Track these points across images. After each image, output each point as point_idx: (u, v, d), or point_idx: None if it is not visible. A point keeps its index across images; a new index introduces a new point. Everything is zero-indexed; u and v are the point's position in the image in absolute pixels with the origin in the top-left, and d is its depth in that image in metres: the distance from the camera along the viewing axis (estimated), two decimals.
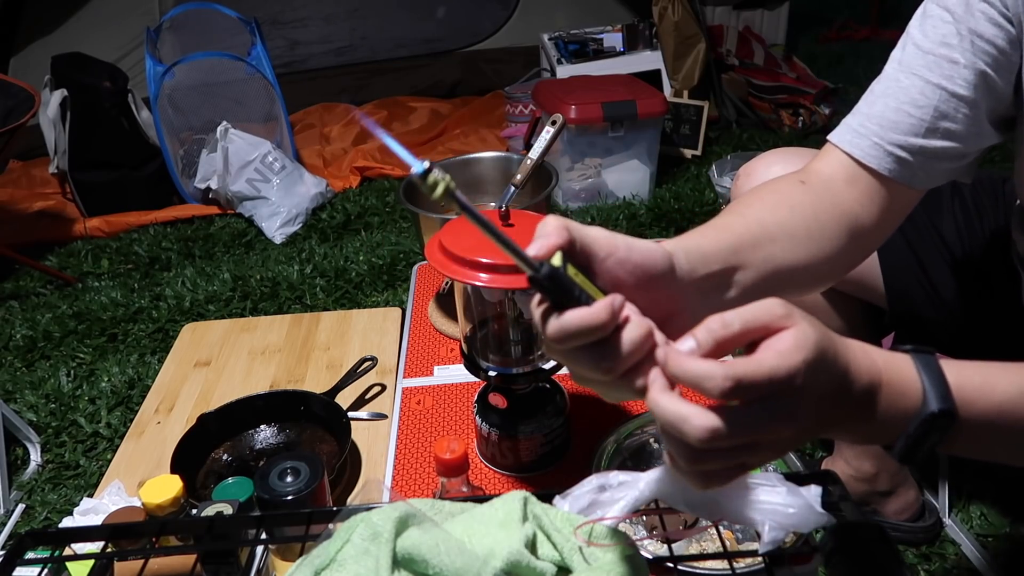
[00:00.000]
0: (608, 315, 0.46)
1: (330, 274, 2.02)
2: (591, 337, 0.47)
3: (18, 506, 1.33)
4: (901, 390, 0.51)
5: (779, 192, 0.69)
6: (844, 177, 0.70)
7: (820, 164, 0.72)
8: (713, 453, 0.46)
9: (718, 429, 0.44)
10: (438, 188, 0.42)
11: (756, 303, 0.46)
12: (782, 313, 0.46)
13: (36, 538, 0.62)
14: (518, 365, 1.02)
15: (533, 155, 1.14)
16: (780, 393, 0.44)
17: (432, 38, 3.29)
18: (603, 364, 0.48)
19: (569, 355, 0.49)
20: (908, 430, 0.51)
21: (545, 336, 0.48)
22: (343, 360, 1.47)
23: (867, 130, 0.70)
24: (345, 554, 0.50)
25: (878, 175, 0.69)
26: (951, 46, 0.67)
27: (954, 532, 1.21)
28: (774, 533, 0.52)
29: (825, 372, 0.46)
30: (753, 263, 0.62)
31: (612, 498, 0.55)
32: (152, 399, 1.43)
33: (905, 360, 0.52)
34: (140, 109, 2.48)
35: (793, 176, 0.72)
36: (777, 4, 3.45)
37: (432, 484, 1.11)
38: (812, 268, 0.67)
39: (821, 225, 0.67)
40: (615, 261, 0.51)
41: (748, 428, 0.45)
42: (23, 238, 2.34)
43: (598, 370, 0.48)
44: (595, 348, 0.47)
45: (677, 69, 2.68)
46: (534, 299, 0.50)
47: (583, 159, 2.29)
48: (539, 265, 0.48)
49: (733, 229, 0.63)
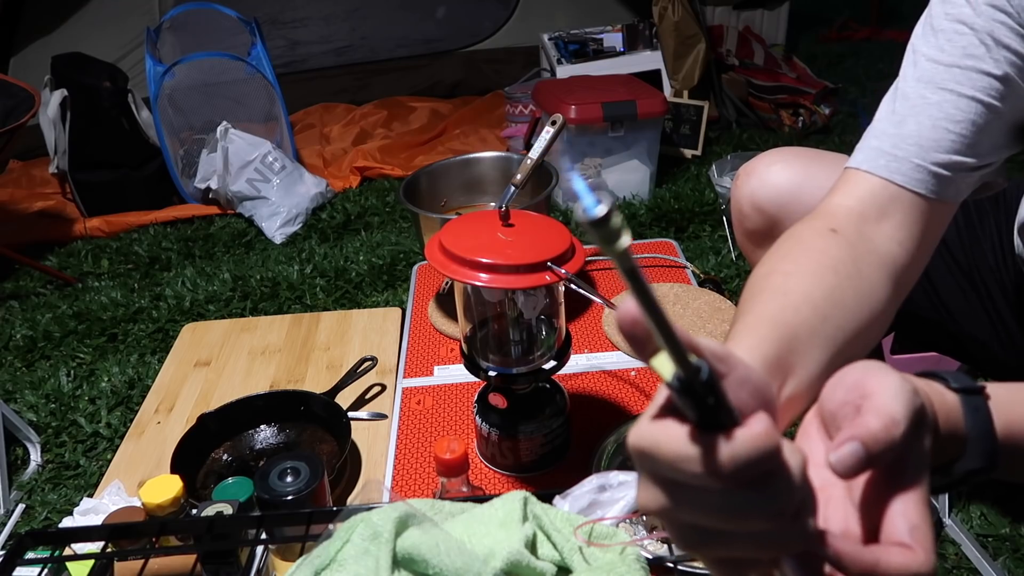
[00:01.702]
0: (775, 431, 0.36)
1: (330, 274, 2.02)
2: (765, 465, 0.35)
3: (18, 506, 1.33)
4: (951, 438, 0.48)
5: (815, 251, 0.62)
6: (876, 210, 0.65)
7: (846, 200, 0.66)
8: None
9: None
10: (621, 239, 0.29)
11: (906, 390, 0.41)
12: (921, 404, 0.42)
13: (36, 538, 0.62)
14: (518, 365, 1.02)
15: (533, 155, 1.14)
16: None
17: (432, 38, 3.29)
18: (776, 504, 0.36)
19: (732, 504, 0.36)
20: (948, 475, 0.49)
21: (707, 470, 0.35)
22: (343, 360, 1.47)
23: (905, 152, 0.65)
24: (345, 554, 0.50)
25: (922, 197, 0.65)
26: (977, 57, 0.65)
27: (954, 532, 1.21)
28: None
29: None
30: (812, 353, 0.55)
31: (612, 498, 0.55)
32: (152, 399, 1.43)
33: (955, 404, 0.48)
34: (140, 109, 2.48)
35: (820, 225, 0.65)
36: (777, 4, 3.45)
37: (432, 484, 1.10)
38: (865, 332, 0.61)
39: (866, 281, 0.62)
40: (736, 380, 0.41)
41: None
42: (23, 238, 2.34)
43: (767, 515, 0.36)
44: (762, 487, 0.36)
45: (677, 69, 2.68)
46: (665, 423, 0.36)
47: (583, 159, 2.29)
48: (697, 364, 0.34)
49: (786, 321, 0.55)
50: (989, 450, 0.48)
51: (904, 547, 0.39)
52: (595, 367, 1.30)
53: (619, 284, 1.54)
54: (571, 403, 1.11)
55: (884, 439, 0.38)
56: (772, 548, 0.38)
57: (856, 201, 0.66)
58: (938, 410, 0.46)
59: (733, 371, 0.41)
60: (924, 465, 0.41)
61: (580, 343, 1.36)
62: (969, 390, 0.49)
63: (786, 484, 0.36)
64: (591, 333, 1.39)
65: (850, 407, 0.41)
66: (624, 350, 1.32)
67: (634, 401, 1.21)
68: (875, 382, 0.41)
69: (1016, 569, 1.14)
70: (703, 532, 0.38)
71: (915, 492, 0.40)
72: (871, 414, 0.39)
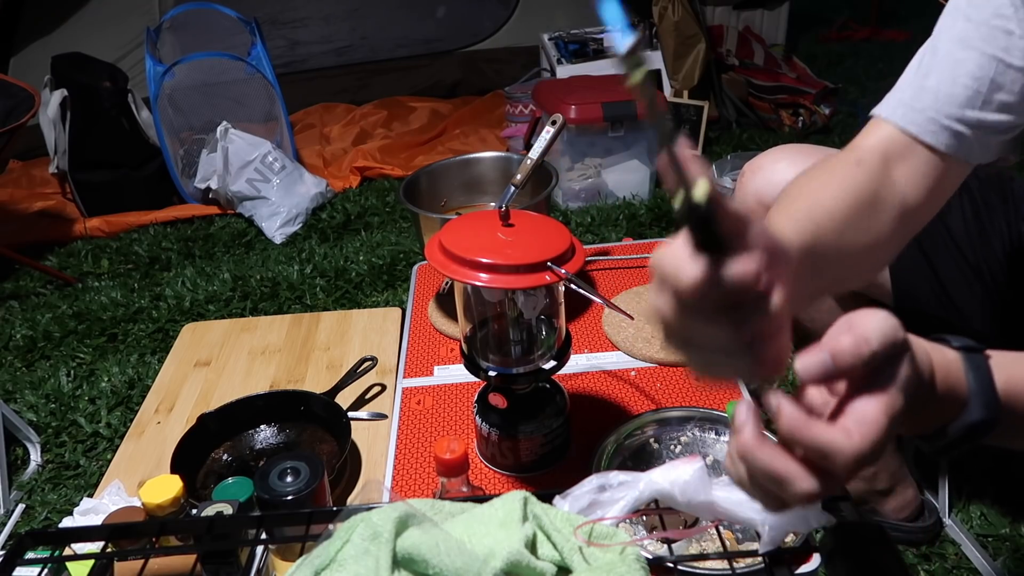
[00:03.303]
0: (761, 266, 0.42)
1: (330, 274, 2.02)
2: (746, 284, 0.42)
3: (18, 506, 1.33)
4: (949, 391, 0.50)
5: (839, 175, 0.69)
6: (895, 154, 0.70)
7: (869, 141, 0.71)
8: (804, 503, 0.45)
9: (815, 494, 0.44)
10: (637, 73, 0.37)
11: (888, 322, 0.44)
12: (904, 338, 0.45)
13: (36, 538, 0.62)
14: (518, 365, 1.02)
15: (533, 155, 1.13)
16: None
17: (432, 38, 3.29)
18: (736, 328, 0.43)
19: (705, 315, 0.43)
20: (950, 434, 0.50)
21: (690, 281, 0.42)
22: (343, 360, 1.47)
23: (923, 104, 0.69)
24: (345, 554, 0.50)
25: (934, 151, 0.69)
26: (1006, 17, 0.66)
27: (954, 532, 1.21)
28: (774, 533, 0.52)
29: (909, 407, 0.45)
30: (828, 255, 0.63)
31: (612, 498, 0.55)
32: (152, 399, 1.43)
33: (955, 360, 0.51)
34: (140, 109, 2.48)
35: (847, 156, 0.71)
36: (777, 4, 3.45)
37: (432, 484, 1.10)
38: (870, 255, 0.69)
39: (877, 210, 0.68)
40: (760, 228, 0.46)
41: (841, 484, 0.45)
42: (23, 238, 2.34)
43: (736, 334, 0.43)
44: (739, 308, 0.43)
45: (677, 69, 2.68)
46: (677, 242, 0.43)
47: (583, 159, 2.29)
48: (699, 200, 0.40)
49: (813, 219, 0.63)
50: (990, 402, 0.50)
51: (844, 431, 0.43)
52: (595, 367, 1.30)
53: (619, 284, 1.54)
54: (571, 403, 1.11)
55: (850, 354, 0.42)
56: (729, 364, 0.45)
57: (878, 142, 0.71)
58: (937, 365, 0.49)
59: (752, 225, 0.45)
60: (895, 383, 0.44)
61: (580, 343, 1.36)
62: (970, 348, 0.52)
63: (749, 316, 0.43)
64: (591, 333, 1.39)
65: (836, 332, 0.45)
66: (624, 349, 1.32)
67: (634, 401, 1.21)
68: (863, 314, 0.45)
69: (1016, 569, 1.14)
70: (683, 338, 0.46)
71: (878, 396, 0.43)
72: (846, 334, 0.43)
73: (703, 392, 1.21)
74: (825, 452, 0.42)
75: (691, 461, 0.56)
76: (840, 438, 0.42)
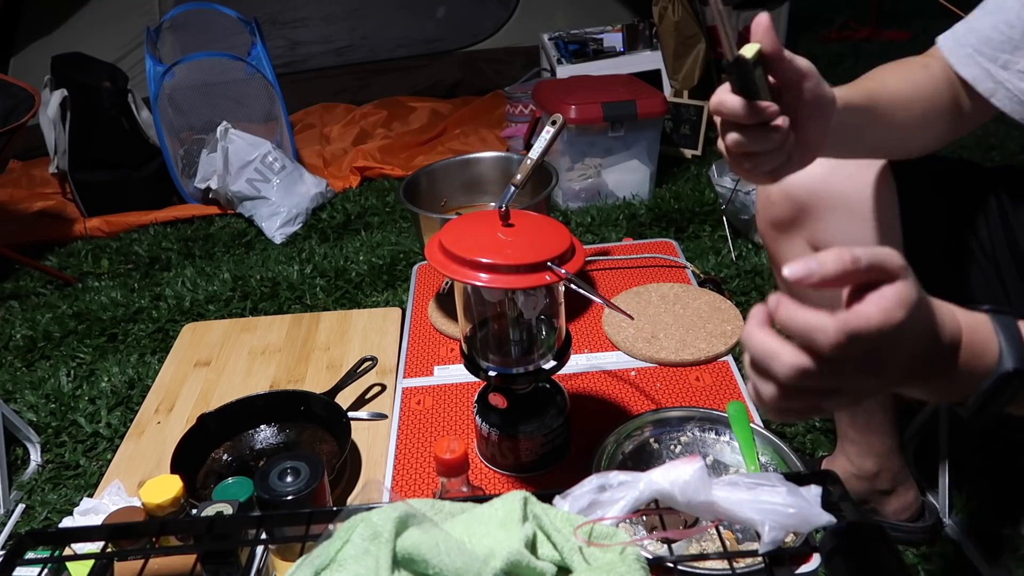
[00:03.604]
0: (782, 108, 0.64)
1: (330, 274, 2.02)
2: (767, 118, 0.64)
3: (18, 506, 1.33)
4: (979, 350, 0.52)
5: (907, 71, 0.84)
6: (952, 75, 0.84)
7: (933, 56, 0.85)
8: (797, 392, 0.49)
9: (807, 370, 0.47)
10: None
11: (882, 248, 0.48)
12: (900, 264, 0.48)
13: (36, 538, 0.62)
14: (518, 365, 1.02)
15: (533, 155, 1.13)
16: (878, 348, 0.47)
17: (432, 38, 3.29)
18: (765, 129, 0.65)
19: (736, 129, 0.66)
20: (982, 387, 0.52)
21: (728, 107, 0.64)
22: (343, 360, 1.47)
23: (967, 41, 0.81)
24: (345, 554, 0.50)
25: (966, 84, 0.81)
26: None
27: (954, 532, 1.21)
28: (774, 533, 0.52)
29: (919, 330, 0.48)
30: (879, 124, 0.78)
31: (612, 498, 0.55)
32: (152, 399, 1.43)
33: (984, 320, 0.53)
34: (140, 109, 2.48)
35: (918, 59, 0.85)
36: (777, 4, 3.45)
37: (432, 484, 1.10)
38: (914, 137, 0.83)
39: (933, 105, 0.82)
40: (811, 85, 0.66)
41: (837, 376, 0.47)
42: (23, 238, 2.34)
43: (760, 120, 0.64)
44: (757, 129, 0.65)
45: (677, 69, 2.68)
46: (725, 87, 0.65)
47: (583, 159, 2.29)
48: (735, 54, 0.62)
49: (873, 93, 0.78)
50: (1021, 354, 0.52)
51: (828, 313, 0.46)
52: (595, 367, 1.30)
53: (619, 284, 1.54)
54: (571, 403, 1.11)
55: (834, 258, 0.46)
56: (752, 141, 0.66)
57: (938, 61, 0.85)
58: (965, 325, 0.52)
59: (811, 78, 0.67)
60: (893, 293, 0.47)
61: (580, 343, 1.36)
62: (998, 310, 0.54)
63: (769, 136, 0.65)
64: (591, 333, 1.39)
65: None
66: (624, 349, 1.32)
67: (634, 401, 1.21)
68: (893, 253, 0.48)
69: (1016, 569, 1.14)
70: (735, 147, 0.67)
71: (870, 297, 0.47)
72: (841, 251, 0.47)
73: (703, 392, 1.21)
74: (810, 329, 0.46)
75: (691, 461, 0.56)
76: (824, 318, 0.46)
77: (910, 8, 4.24)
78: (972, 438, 1.35)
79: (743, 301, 1.83)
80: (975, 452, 1.34)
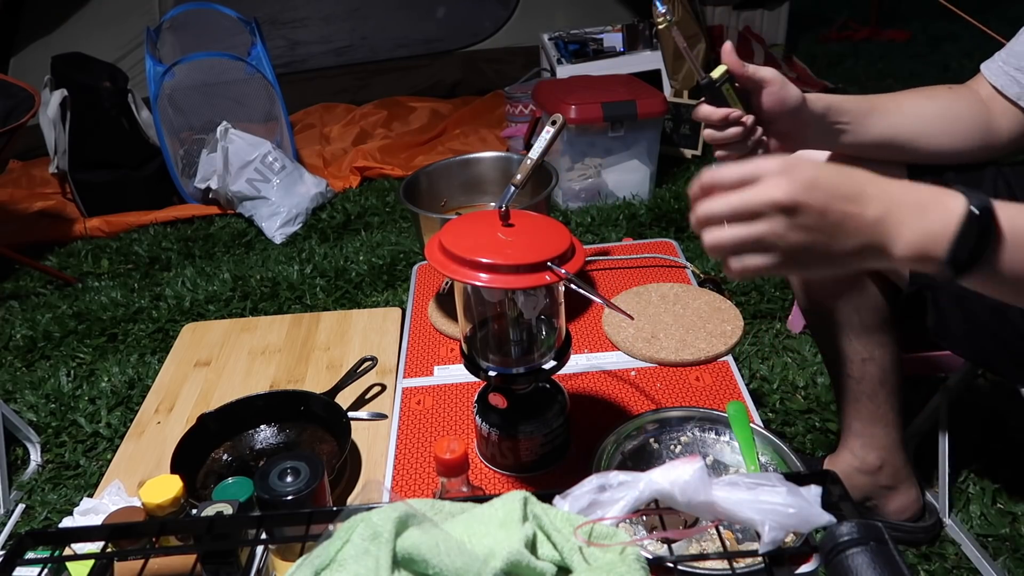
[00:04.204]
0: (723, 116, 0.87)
1: (330, 274, 2.02)
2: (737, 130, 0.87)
3: (18, 506, 1.33)
4: (943, 201, 0.60)
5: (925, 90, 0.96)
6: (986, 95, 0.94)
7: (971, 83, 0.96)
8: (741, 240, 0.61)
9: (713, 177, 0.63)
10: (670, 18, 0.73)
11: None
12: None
13: (36, 538, 0.62)
14: (518, 365, 1.02)
15: (533, 155, 1.13)
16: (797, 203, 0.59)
17: (432, 38, 3.29)
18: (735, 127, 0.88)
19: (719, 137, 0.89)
20: (953, 232, 0.59)
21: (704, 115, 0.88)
22: (343, 360, 1.47)
23: (999, 57, 0.93)
24: (345, 554, 0.50)
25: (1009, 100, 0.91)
26: None
27: (954, 532, 1.21)
28: (774, 533, 0.52)
29: (830, 180, 0.60)
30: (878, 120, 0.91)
31: (612, 498, 0.55)
32: (152, 399, 1.43)
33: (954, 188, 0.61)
34: (140, 109, 2.48)
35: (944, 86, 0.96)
36: (777, 4, 3.45)
37: (432, 484, 1.10)
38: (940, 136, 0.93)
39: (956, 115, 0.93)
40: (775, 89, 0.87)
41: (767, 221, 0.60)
42: (23, 238, 2.34)
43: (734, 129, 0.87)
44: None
45: (677, 69, 2.68)
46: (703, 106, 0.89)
47: (583, 159, 2.29)
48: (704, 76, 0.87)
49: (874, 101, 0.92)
50: (985, 200, 0.59)
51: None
52: (595, 367, 1.30)
53: (619, 284, 1.54)
54: (571, 403, 1.11)
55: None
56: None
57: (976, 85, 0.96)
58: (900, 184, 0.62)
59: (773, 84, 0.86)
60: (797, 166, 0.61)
61: (580, 343, 1.36)
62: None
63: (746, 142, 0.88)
64: (591, 333, 1.39)
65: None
66: (624, 349, 1.32)
67: (634, 401, 1.21)
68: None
69: (1016, 569, 1.14)
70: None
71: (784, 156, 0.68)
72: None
73: (703, 392, 1.21)
74: (751, 168, 0.61)
75: (691, 461, 0.56)
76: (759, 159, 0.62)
77: (910, 8, 4.24)
78: (972, 438, 1.35)
79: (743, 301, 1.83)
80: (975, 452, 1.34)
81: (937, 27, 3.88)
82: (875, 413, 1.11)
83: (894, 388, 1.11)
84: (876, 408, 1.11)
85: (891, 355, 1.09)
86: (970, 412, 1.39)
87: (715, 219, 0.62)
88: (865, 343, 1.08)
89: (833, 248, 0.60)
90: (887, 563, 0.50)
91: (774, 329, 1.75)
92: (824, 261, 0.61)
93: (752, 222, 0.60)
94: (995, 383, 1.48)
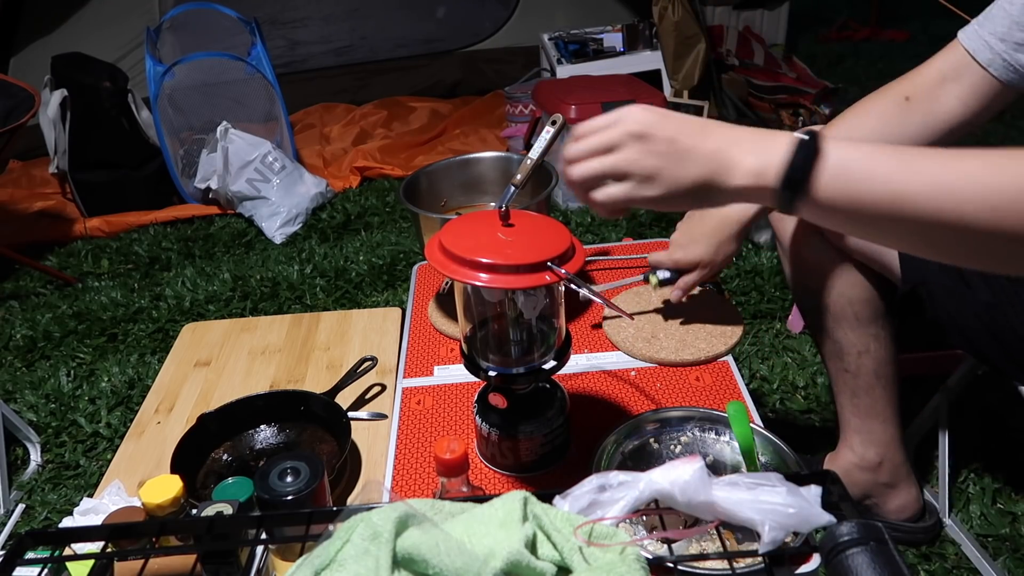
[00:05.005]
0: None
1: (330, 274, 2.02)
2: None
3: (18, 506, 1.33)
4: (777, 136, 0.65)
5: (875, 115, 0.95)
6: (955, 72, 0.91)
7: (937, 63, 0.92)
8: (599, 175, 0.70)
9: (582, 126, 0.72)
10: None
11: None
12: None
13: (36, 538, 0.62)
14: (518, 365, 1.02)
15: (533, 155, 1.13)
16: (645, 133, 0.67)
17: (432, 38, 3.29)
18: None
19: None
20: (783, 157, 0.63)
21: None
22: (343, 360, 1.47)
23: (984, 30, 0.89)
24: (345, 554, 0.50)
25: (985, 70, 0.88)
26: None
27: (954, 532, 1.21)
28: (774, 533, 0.52)
29: (676, 115, 0.68)
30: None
31: (612, 498, 0.55)
32: (152, 399, 1.43)
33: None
34: (140, 109, 2.48)
35: (898, 92, 0.94)
36: (777, 4, 3.45)
37: (432, 484, 1.10)
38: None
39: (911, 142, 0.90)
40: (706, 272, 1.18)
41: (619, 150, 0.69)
42: (23, 238, 2.34)
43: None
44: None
45: (677, 69, 2.68)
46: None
47: None
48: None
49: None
50: (813, 131, 0.64)
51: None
52: (595, 367, 1.30)
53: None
54: (571, 403, 1.11)
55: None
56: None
57: (944, 63, 0.92)
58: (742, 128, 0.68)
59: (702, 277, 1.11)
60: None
61: (580, 343, 1.36)
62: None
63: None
64: (591, 333, 1.39)
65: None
66: (624, 349, 1.32)
67: (634, 401, 1.21)
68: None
69: (1016, 569, 1.14)
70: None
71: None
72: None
73: (703, 392, 1.21)
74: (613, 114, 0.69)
75: (691, 461, 0.56)
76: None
77: (910, 8, 4.24)
78: (972, 438, 1.35)
79: (743, 301, 1.83)
80: (975, 452, 1.34)
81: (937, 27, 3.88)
82: (873, 408, 1.12)
83: (890, 382, 1.11)
84: (873, 403, 1.11)
85: (886, 348, 1.10)
86: (970, 412, 1.40)
87: (581, 158, 0.71)
88: (860, 335, 1.09)
89: (679, 175, 0.67)
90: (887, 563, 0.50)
91: (774, 329, 1.75)
92: (673, 189, 0.67)
93: (609, 154, 0.69)
94: (995, 383, 1.48)
